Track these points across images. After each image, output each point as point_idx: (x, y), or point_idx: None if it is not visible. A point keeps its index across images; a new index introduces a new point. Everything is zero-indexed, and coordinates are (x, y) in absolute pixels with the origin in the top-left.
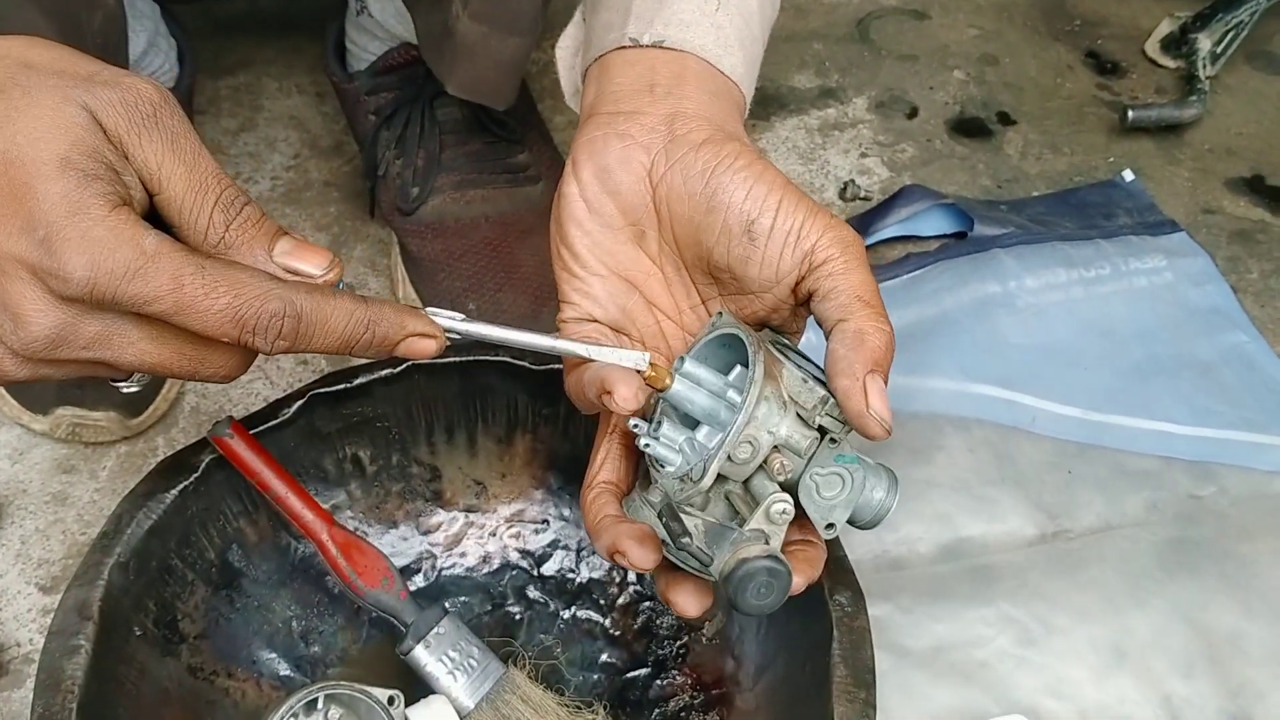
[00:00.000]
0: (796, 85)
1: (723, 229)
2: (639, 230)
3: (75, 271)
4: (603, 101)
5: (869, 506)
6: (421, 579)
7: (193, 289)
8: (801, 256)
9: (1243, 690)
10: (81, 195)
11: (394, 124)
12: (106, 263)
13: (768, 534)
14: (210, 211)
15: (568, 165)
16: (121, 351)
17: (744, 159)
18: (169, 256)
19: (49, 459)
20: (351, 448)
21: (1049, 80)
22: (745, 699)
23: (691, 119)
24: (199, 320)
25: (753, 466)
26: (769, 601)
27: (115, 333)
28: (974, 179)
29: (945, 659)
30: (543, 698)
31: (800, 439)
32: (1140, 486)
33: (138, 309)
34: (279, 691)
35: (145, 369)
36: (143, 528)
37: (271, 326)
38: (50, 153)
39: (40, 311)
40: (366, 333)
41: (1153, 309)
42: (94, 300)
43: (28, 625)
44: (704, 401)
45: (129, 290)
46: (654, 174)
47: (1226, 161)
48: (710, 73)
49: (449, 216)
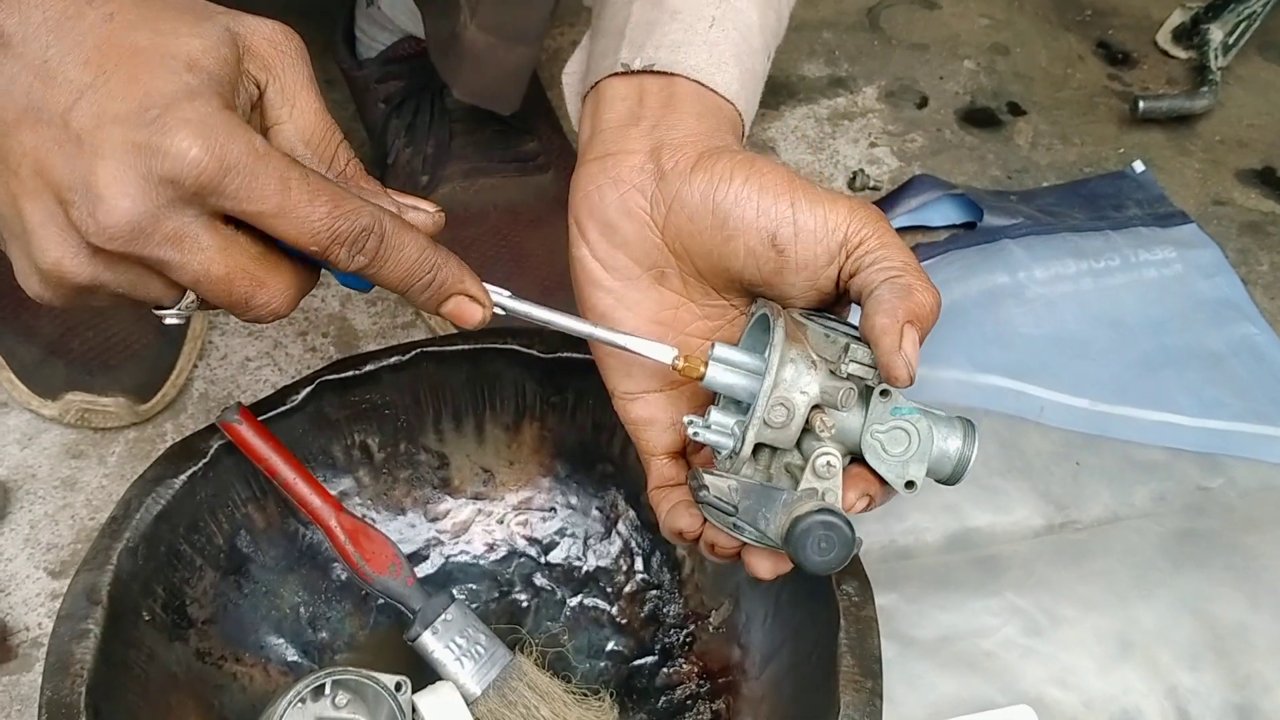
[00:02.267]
0: (806, 74)
1: (746, 252)
2: (658, 272)
3: (190, 150)
4: (593, 143)
5: (946, 458)
6: (429, 566)
7: (298, 193)
8: (836, 247)
9: (1249, 682)
10: (201, 90)
11: (404, 112)
12: (221, 149)
13: (821, 491)
14: (336, 147)
15: (571, 226)
16: (190, 257)
17: (740, 172)
18: (278, 159)
19: (58, 444)
20: (360, 434)
21: (1059, 70)
22: (751, 687)
23: (678, 147)
24: (295, 226)
25: (795, 429)
26: (834, 557)
27: (189, 234)
28: (984, 169)
29: (951, 648)
30: (549, 685)
31: (834, 391)
32: (1148, 478)
33: (236, 205)
34: (287, 677)
35: (205, 283)
36: (151, 513)
37: (359, 240)
38: (181, 50)
39: (129, 195)
40: (429, 274)
41: (1162, 300)
42: (195, 188)
43: (36, 610)
44: (743, 382)
45: (235, 183)
46: (656, 216)
47: (1237, 153)
48: (700, 93)
49: (458, 205)
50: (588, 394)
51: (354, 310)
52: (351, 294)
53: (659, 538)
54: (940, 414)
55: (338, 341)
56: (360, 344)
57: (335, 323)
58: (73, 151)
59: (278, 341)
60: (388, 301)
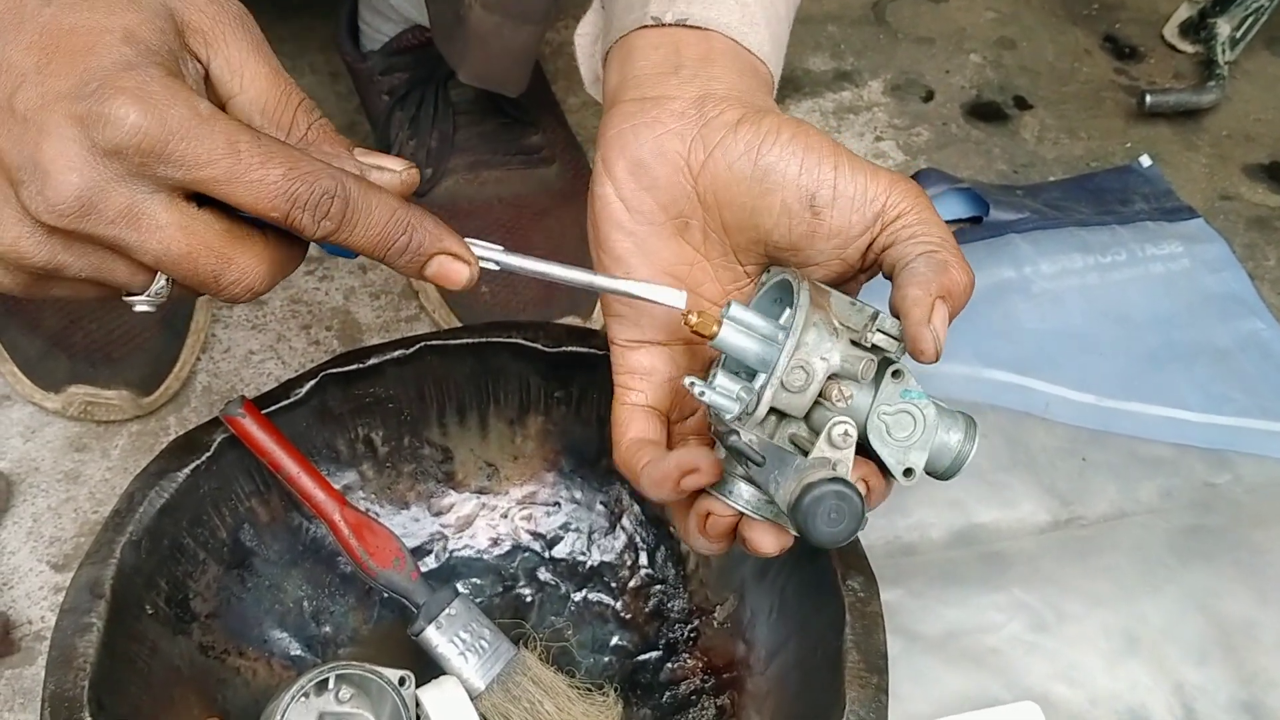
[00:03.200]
0: (811, 68)
1: (781, 209)
2: (682, 222)
3: (128, 116)
4: (627, 87)
5: (946, 451)
6: (433, 560)
7: (248, 156)
8: (872, 218)
9: (1255, 678)
10: (141, 61)
11: (407, 104)
12: (160, 113)
13: (833, 460)
14: (294, 112)
15: (598, 163)
16: (148, 235)
17: (786, 131)
18: (224, 121)
19: (61, 437)
20: (363, 428)
21: (1066, 64)
22: (756, 683)
23: (722, 100)
24: (249, 191)
25: (810, 396)
26: (842, 529)
27: (144, 211)
28: (990, 163)
29: (956, 644)
30: (553, 679)
31: (855, 361)
32: (1154, 473)
33: (185, 174)
34: (290, 671)
35: (168, 262)
36: (155, 506)
37: (322, 204)
38: (117, 24)
39: (72, 168)
40: (404, 235)
41: (1169, 296)
42: (139, 154)
43: (39, 603)
44: (755, 347)
45: (180, 149)
46: (693, 162)
47: (1245, 148)
48: (736, 51)
49: (462, 198)
50: (592, 388)
51: (357, 303)
52: (355, 288)
53: (664, 533)
54: (944, 405)
55: (341, 335)
56: (363, 337)
57: (338, 316)
58: (19, 133)
59: (281, 335)
60: (391, 295)
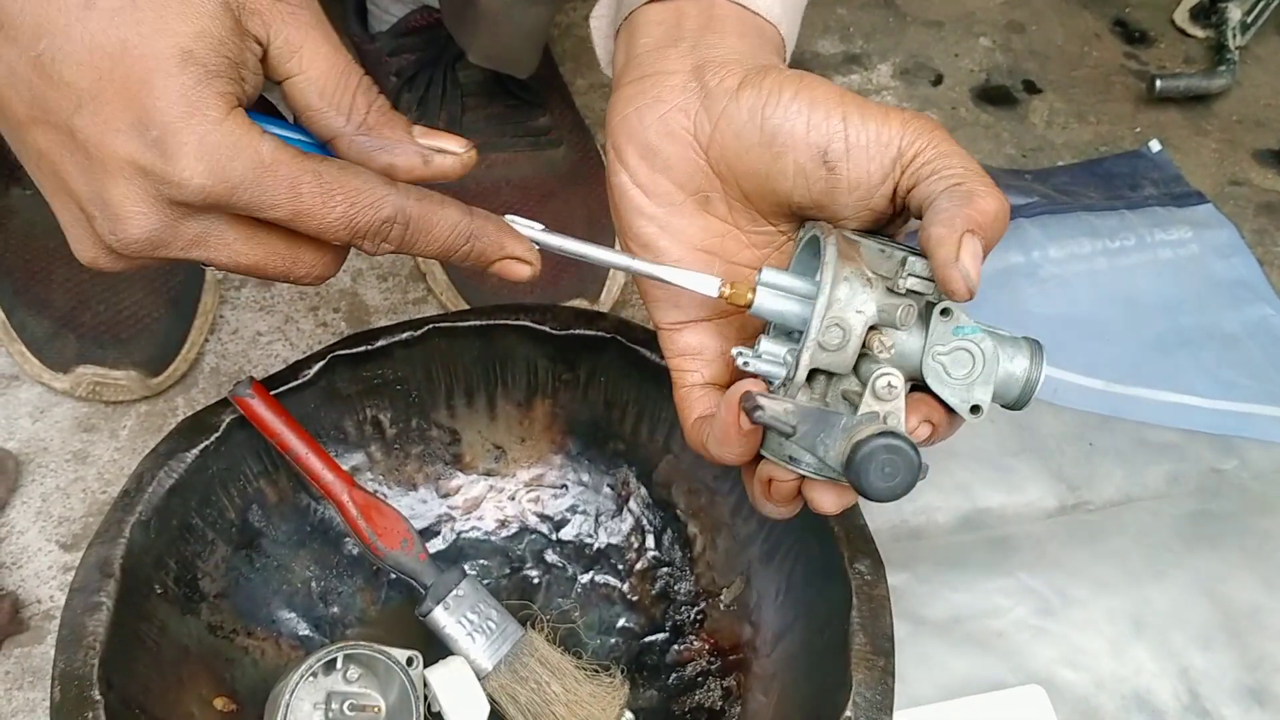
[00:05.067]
0: (820, 51)
1: (795, 170)
2: (702, 197)
3: (193, 179)
4: (629, 67)
5: (1013, 379)
6: (440, 541)
7: (310, 198)
8: (890, 163)
9: (1261, 663)
10: (200, 94)
11: (416, 86)
12: (224, 170)
13: (883, 414)
14: (354, 93)
15: (610, 152)
16: (217, 252)
17: (789, 88)
18: (286, 165)
19: (69, 417)
20: (372, 410)
21: (1076, 48)
22: (763, 665)
23: (721, 65)
24: (314, 227)
25: (852, 352)
26: (898, 482)
27: (213, 234)
28: (999, 148)
29: (962, 628)
30: (560, 660)
31: (892, 309)
32: (1161, 459)
33: (252, 214)
34: (298, 651)
35: (240, 269)
36: (164, 486)
37: (382, 231)
38: (172, 45)
39: (142, 214)
40: (466, 244)
41: (1177, 281)
42: (205, 206)
43: (48, 582)
44: (795, 308)
45: (245, 198)
46: (700, 136)
47: (1255, 133)
48: (740, 14)
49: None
50: (600, 371)
51: (365, 285)
52: (362, 269)
53: (670, 515)
54: (1004, 333)
55: (349, 317)
56: (371, 319)
57: (346, 298)
58: (84, 164)
59: (289, 316)
60: (399, 277)
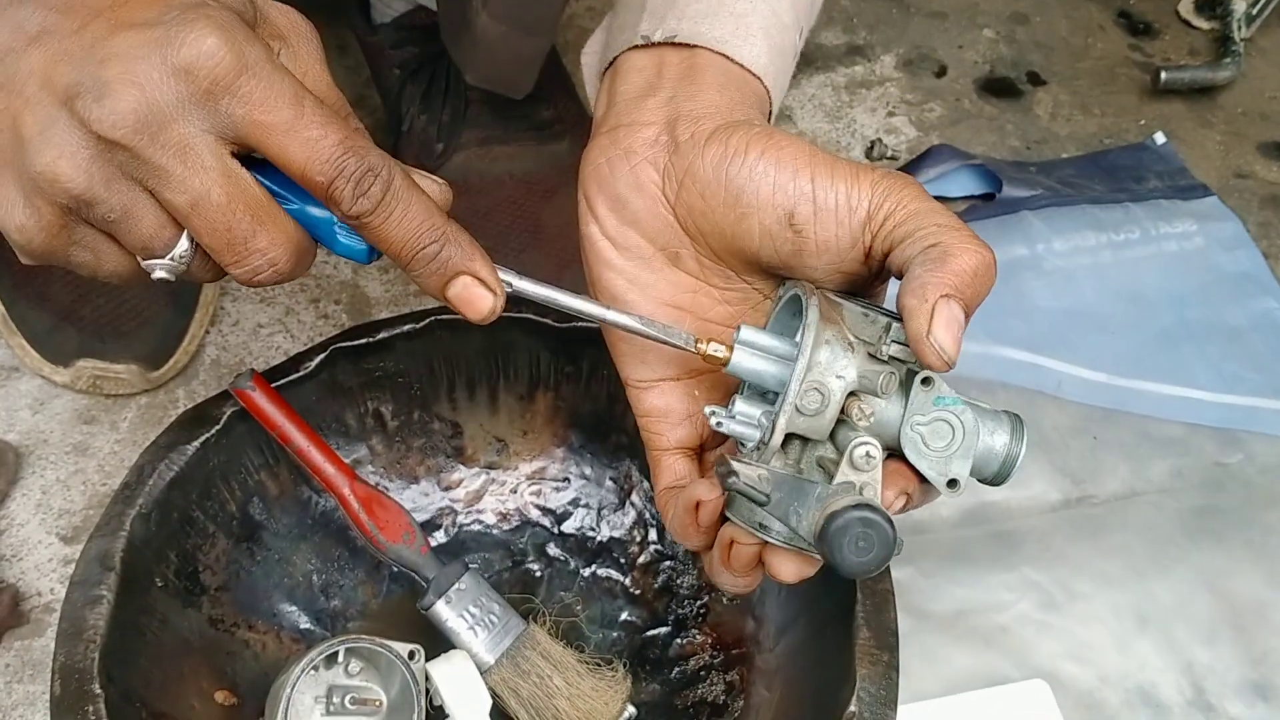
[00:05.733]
0: (824, 42)
1: (761, 231)
2: (672, 253)
3: (207, 38)
4: (608, 115)
5: (992, 455)
6: (442, 535)
7: (310, 113)
8: (859, 226)
9: (1266, 658)
10: (223, 6)
11: (419, 79)
12: (239, 47)
13: (859, 484)
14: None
15: (581, 202)
16: (193, 172)
17: (756, 146)
18: (294, 77)
19: (70, 410)
20: (373, 402)
21: (1080, 40)
22: (765, 659)
23: (695, 119)
24: (303, 148)
25: (830, 417)
26: (871, 557)
27: (195, 147)
28: (1003, 140)
29: (966, 623)
30: (563, 654)
31: (873, 376)
32: (1166, 453)
33: (248, 113)
34: (299, 644)
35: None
36: (164, 479)
37: (365, 180)
38: None
39: (136, 83)
40: (435, 244)
41: (1182, 274)
42: (210, 79)
43: (48, 575)
44: (772, 369)
45: (250, 85)
46: (668, 193)
47: (1260, 125)
48: (724, 66)
49: (473, 173)
50: (602, 364)
51: (366, 278)
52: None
53: None
54: (985, 406)
55: (350, 309)
56: (373, 311)
57: (347, 290)
58: (84, 56)
59: (290, 308)
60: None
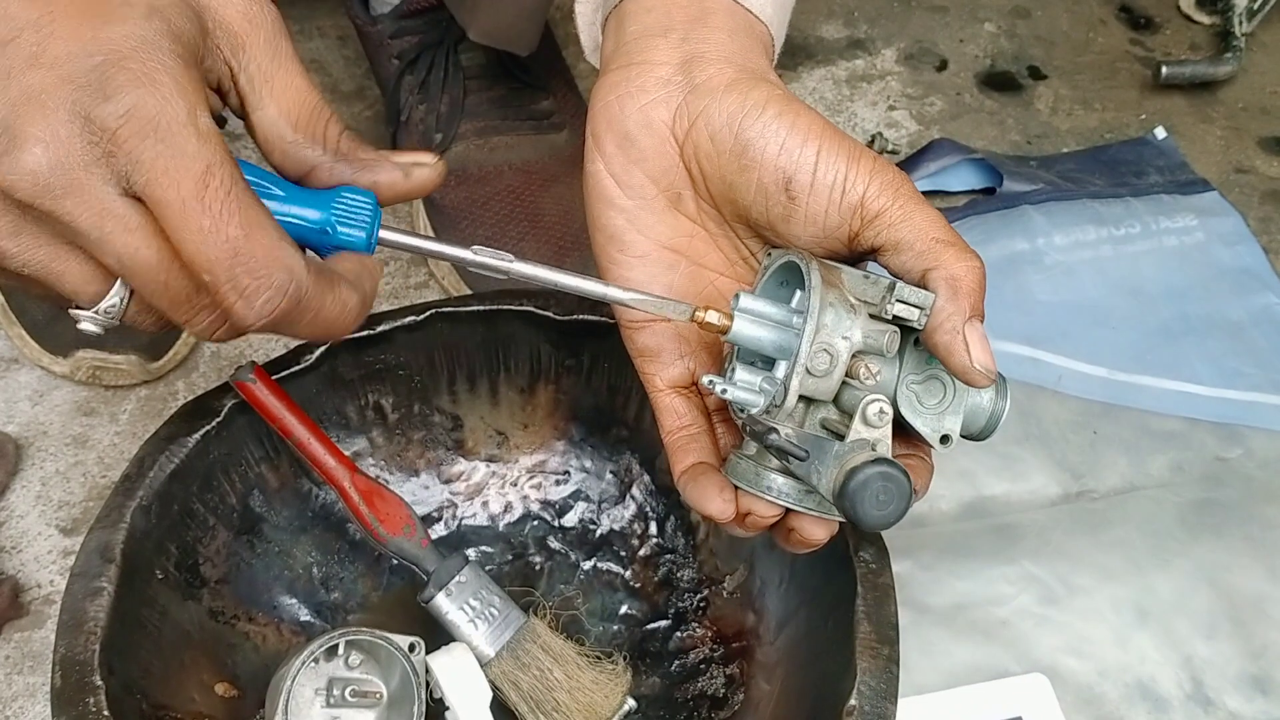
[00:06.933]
0: (824, 35)
1: (758, 188)
2: (674, 194)
3: (123, 91)
4: (617, 54)
5: (979, 411)
6: (442, 528)
7: (213, 197)
8: (850, 210)
9: (1265, 652)
10: (159, 43)
11: (417, 69)
12: (156, 108)
13: (872, 441)
14: (326, 122)
15: (589, 138)
16: (115, 233)
17: (773, 106)
18: (215, 145)
19: (69, 401)
20: (373, 395)
21: (1081, 34)
22: (766, 652)
23: (711, 62)
24: (196, 237)
25: (836, 378)
26: (891, 510)
27: (112, 210)
28: (1003, 134)
29: (966, 616)
30: (563, 647)
31: (878, 335)
32: (1166, 447)
33: (144, 179)
34: (299, 637)
35: (136, 270)
36: (165, 471)
37: (262, 297)
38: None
39: (42, 139)
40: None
41: (1182, 269)
42: (112, 143)
43: (48, 567)
44: (771, 335)
45: (156, 153)
46: (678, 131)
47: (1260, 120)
48: (732, 9)
49: (472, 163)
50: (603, 357)
51: None
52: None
53: (674, 502)
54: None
55: None
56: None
57: None
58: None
59: None
60: (400, 261)
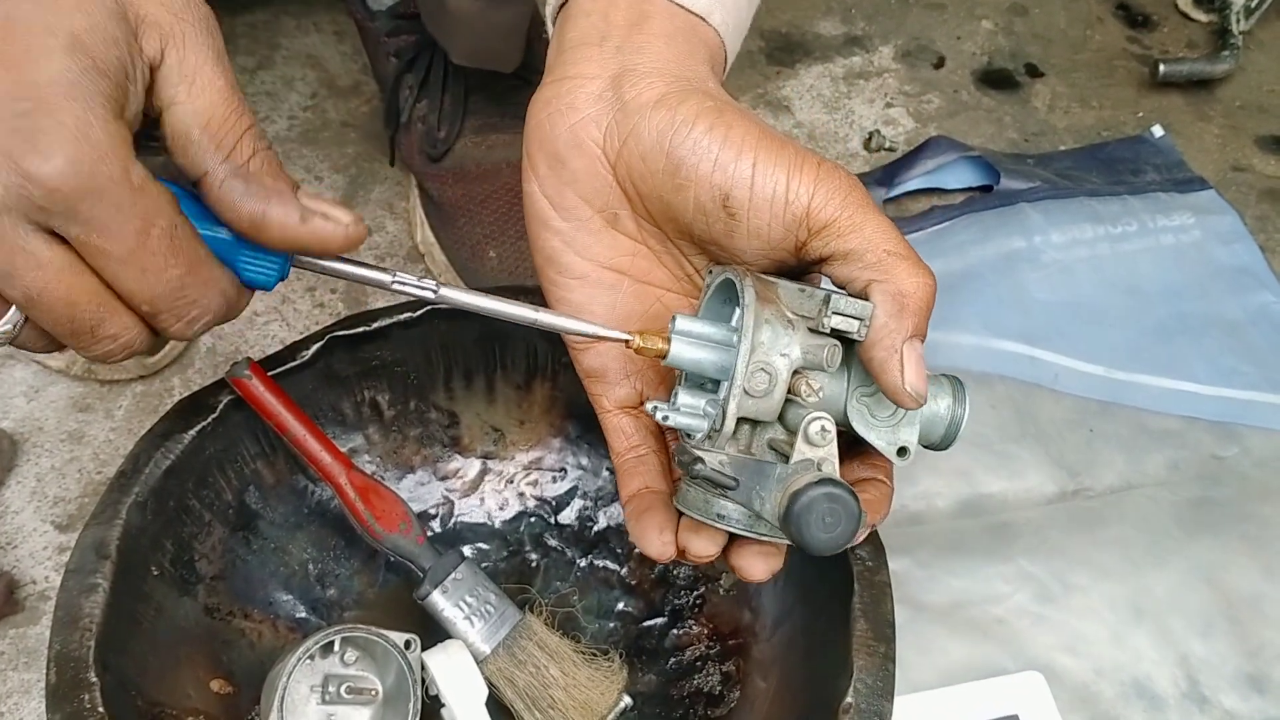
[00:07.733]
0: (822, 32)
1: (696, 206)
2: (610, 214)
3: (54, 156)
4: (555, 64)
5: (937, 419)
6: (438, 525)
7: (156, 244)
8: (795, 222)
9: (1261, 651)
10: (85, 84)
11: (416, 67)
12: (92, 166)
13: (817, 460)
14: (240, 135)
15: (524, 156)
16: (23, 272)
17: (704, 120)
18: (151, 195)
19: (65, 397)
20: (370, 392)
21: (1078, 32)
22: (762, 650)
23: (643, 76)
24: (137, 280)
25: (778, 398)
26: (839, 533)
27: (24, 250)
28: (1000, 131)
29: (962, 614)
30: (559, 644)
31: (818, 350)
32: (1162, 446)
33: (85, 236)
34: (295, 633)
35: (41, 306)
36: (160, 468)
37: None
38: (63, 24)
39: None
40: None
41: (1179, 267)
42: (44, 201)
43: (43, 563)
44: (712, 356)
45: (93, 212)
46: (609, 151)
47: (1257, 119)
48: (672, 11)
49: (470, 161)
50: None
51: None
52: (360, 249)
53: None
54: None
55: (346, 298)
56: (369, 300)
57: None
58: None
59: (285, 297)
60: (397, 258)
